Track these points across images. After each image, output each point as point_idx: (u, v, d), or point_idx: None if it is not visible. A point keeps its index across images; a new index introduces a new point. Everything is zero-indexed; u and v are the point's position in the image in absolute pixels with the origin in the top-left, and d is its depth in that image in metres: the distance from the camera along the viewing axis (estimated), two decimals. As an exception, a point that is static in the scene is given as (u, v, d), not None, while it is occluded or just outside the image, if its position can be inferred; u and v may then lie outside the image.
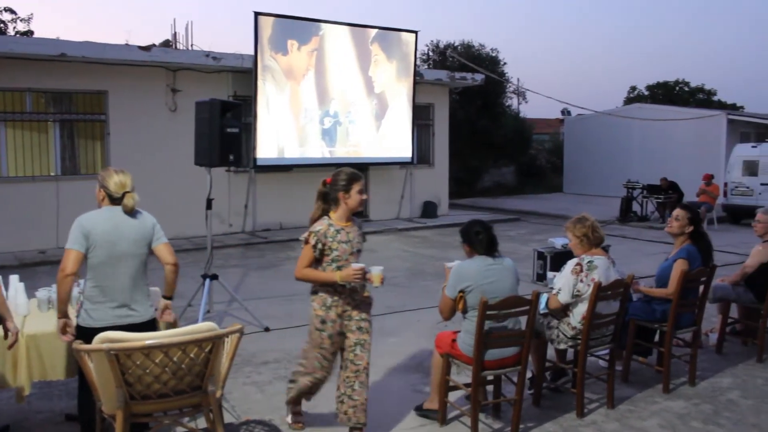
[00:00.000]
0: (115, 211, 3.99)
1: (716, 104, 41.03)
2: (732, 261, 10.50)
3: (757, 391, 5.45)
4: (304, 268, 4.30)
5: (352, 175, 4.31)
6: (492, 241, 4.55)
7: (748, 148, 18.29)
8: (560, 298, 4.87)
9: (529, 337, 4.48)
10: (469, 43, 27.52)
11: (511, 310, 4.40)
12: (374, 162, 16.28)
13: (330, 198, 4.36)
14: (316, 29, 14.63)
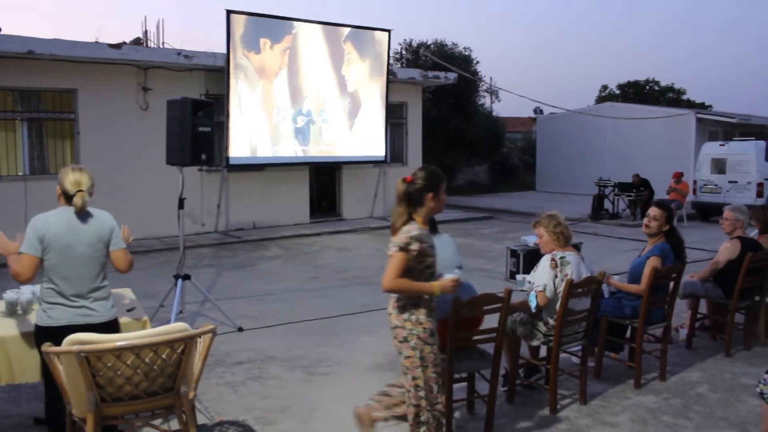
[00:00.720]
0: (71, 211, 3.89)
1: (685, 103, 41.59)
2: (701, 258, 10.65)
3: (725, 385, 5.54)
4: (397, 278, 3.68)
5: (439, 174, 3.92)
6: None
7: (716, 147, 18.57)
8: (548, 294, 4.90)
9: (502, 334, 4.50)
10: (442, 42, 27.60)
11: (484, 307, 4.41)
12: (347, 161, 16.28)
13: (414, 199, 3.87)
14: (289, 28, 14.57)
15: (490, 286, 9.14)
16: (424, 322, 3.75)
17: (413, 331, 3.74)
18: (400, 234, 3.73)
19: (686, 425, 4.75)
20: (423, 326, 3.75)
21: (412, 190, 3.82)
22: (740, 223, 6.59)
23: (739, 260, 6.22)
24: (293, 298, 8.68)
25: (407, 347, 3.76)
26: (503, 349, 5.29)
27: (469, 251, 12.61)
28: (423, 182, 3.81)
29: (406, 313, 3.77)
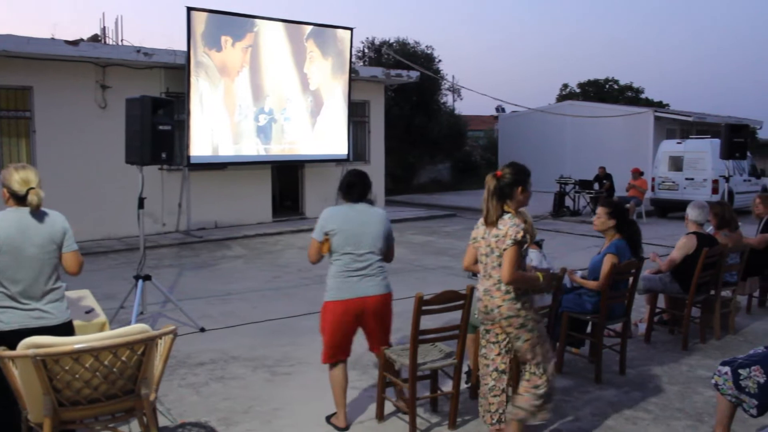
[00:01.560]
0: (22, 212, 3.77)
1: (644, 102, 42.28)
2: (660, 254, 10.84)
3: (682, 378, 5.65)
4: (516, 271, 3.95)
5: (526, 168, 4.21)
6: (354, 188, 4.50)
7: (674, 144, 18.93)
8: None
9: (465, 331, 4.53)
10: (405, 41, 27.66)
11: (447, 304, 4.43)
12: (310, 159, 16.23)
13: (505, 193, 4.09)
14: (251, 25, 14.46)
15: (453, 283, 9.19)
16: (532, 307, 4.14)
17: (527, 317, 4.07)
18: (510, 228, 4.00)
19: (645, 417, 4.84)
20: (533, 310, 4.13)
21: (502, 184, 4.08)
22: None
23: (696, 255, 6.35)
24: (256, 298, 8.63)
25: (525, 331, 4.08)
26: (466, 345, 5.34)
27: (433, 249, 12.66)
28: (512, 177, 4.09)
29: (518, 302, 4.04)
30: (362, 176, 4.60)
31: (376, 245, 4.48)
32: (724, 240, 6.86)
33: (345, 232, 4.42)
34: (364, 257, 4.44)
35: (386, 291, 4.56)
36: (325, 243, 4.48)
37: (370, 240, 4.46)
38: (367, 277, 4.46)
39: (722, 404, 4.20)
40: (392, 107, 23.68)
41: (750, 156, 18.91)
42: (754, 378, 3.98)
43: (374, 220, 4.51)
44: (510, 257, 3.92)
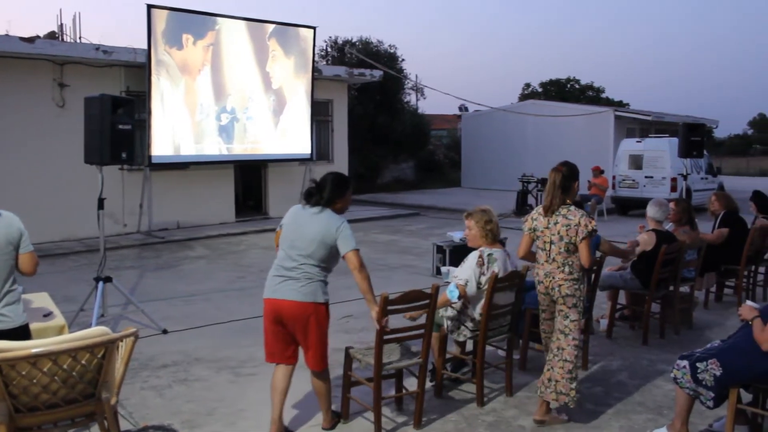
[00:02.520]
0: None
1: (604, 101, 42.93)
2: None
3: (642, 372, 5.75)
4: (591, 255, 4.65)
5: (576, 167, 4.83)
6: (310, 192, 4.36)
7: (634, 143, 19.24)
8: (468, 291, 4.95)
9: (430, 330, 4.54)
10: (368, 40, 27.67)
11: (412, 303, 4.43)
12: (273, 159, 16.15)
13: (566, 187, 4.69)
14: (212, 23, 14.32)
15: (417, 282, 9.23)
16: (585, 292, 4.76)
17: (581, 298, 4.65)
18: (582, 218, 4.57)
19: (607, 411, 4.91)
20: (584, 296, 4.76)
21: (565, 177, 4.68)
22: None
23: (655, 252, 6.46)
24: (219, 299, 8.55)
25: (575, 312, 4.63)
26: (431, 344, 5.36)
27: (397, 248, 12.69)
28: (570, 172, 4.71)
29: (577, 284, 4.62)
30: (324, 182, 4.37)
31: (309, 249, 4.21)
32: (682, 237, 6.99)
33: (288, 227, 4.36)
34: (294, 258, 4.24)
35: (303, 299, 4.19)
36: (278, 233, 4.46)
37: (305, 243, 4.22)
38: (290, 280, 4.22)
39: (681, 397, 4.28)
40: (355, 106, 23.66)
41: (707, 154, 19.33)
42: (711, 371, 4.07)
43: (315, 223, 4.25)
44: (587, 244, 4.56)
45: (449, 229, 11.92)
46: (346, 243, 4.21)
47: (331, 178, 4.41)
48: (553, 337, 4.72)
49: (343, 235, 4.21)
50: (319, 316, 4.25)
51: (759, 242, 8.14)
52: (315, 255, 4.23)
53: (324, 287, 4.31)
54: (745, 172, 42.98)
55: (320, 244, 4.22)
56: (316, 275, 4.25)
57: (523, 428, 4.63)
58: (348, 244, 4.21)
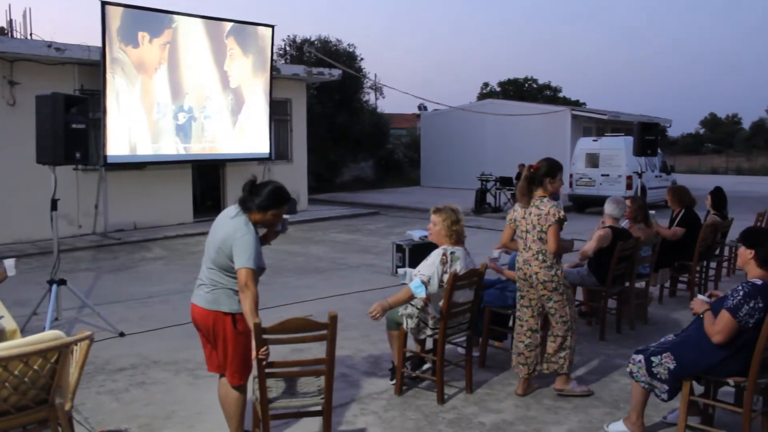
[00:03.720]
0: None
1: (561, 101, 43.50)
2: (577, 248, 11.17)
3: (600, 367, 5.84)
4: (558, 241, 4.99)
5: (556, 163, 5.34)
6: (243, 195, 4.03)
7: (590, 142, 19.55)
8: (429, 289, 4.95)
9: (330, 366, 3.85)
10: (326, 39, 27.62)
11: (295, 334, 3.81)
12: (231, 158, 16.00)
13: (536, 181, 5.16)
14: (169, 21, 14.12)
15: (376, 281, 9.25)
16: (563, 274, 5.07)
17: (559, 282, 5.02)
18: (552, 208, 5.01)
19: (566, 407, 4.97)
20: (563, 277, 5.08)
21: (535, 174, 5.14)
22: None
23: (611, 249, 6.56)
24: (177, 300, 8.44)
25: (557, 294, 5.04)
26: (390, 343, 5.37)
27: (356, 247, 12.68)
28: (543, 169, 5.19)
29: (552, 270, 5.01)
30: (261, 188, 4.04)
31: (210, 255, 4.00)
32: (638, 233, 7.11)
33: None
34: (205, 263, 4.09)
35: (206, 306, 3.96)
36: None
37: (210, 248, 4.03)
38: (199, 285, 4.09)
39: (636, 391, 4.37)
40: (314, 105, 23.60)
41: (661, 153, 19.70)
42: (665, 364, 4.16)
43: (220, 227, 4.02)
44: (554, 231, 4.94)
45: (409, 228, 11.97)
46: (238, 256, 3.81)
47: (272, 187, 4.06)
48: (531, 322, 5.17)
49: (238, 247, 3.82)
50: (220, 323, 3.95)
51: (710, 238, 8.34)
52: (216, 261, 3.95)
53: (232, 296, 3.94)
54: (697, 170, 44.01)
55: (219, 251, 3.92)
56: (216, 281, 3.97)
57: (483, 425, 4.66)
58: (239, 259, 3.80)
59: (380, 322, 5.16)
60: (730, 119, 76.86)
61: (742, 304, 3.93)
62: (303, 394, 3.99)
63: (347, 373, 5.66)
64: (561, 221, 4.98)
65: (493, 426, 4.64)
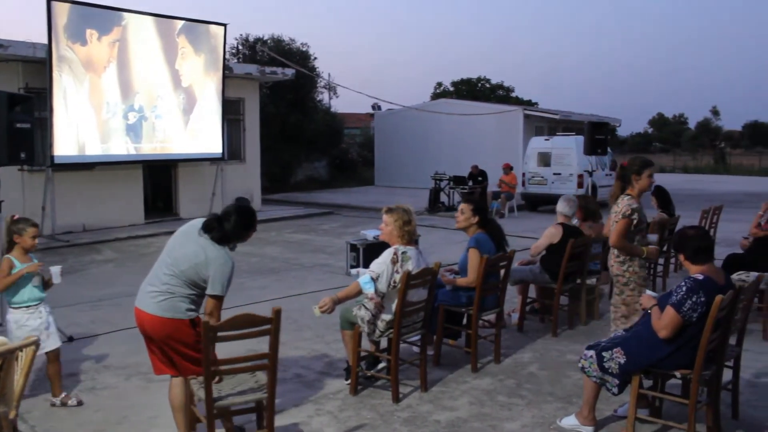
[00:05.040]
0: None
1: (514, 100, 43.98)
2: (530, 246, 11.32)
3: (552, 363, 5.93)
4: (623, 239, 5.16)
5: (644, 160, 5.37)
6: (210, 226, 4.13)
7: (542, 141, 19.81)
8: (379, 286, 4.95)
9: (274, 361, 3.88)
10: (279, 38, 27.45)
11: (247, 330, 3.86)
12: (183, 158, 15.80)
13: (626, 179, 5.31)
14: (118, 19, 13.85)
15: (331, 281, 9.23)
16: (638, 270, 5.26)
17: (631, 278, 5.23)
18: (623, 206, 5.17)
19: (519, 403, 5.03)
20: (639, 274, 5.26)
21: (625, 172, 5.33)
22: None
23: (562, 246, 6.67)
24: (128, 303, 8.17)
25: (628, 290, 5.25)
26: (344, 343, 5.36)
27: (310, 247, 12.63)
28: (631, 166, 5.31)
29: (624, 266, 5.25)
30: (227, 216, 4.13)
31: (180, 266, 4.07)
32: (588, 231, 7.25)
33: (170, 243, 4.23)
34: (162, 269, 4.14)
35: (161, 314, 4.01)
36: None
37: (179, 260, 4.09)
38: (149, 291, 4.16)
39: (588, 385, 4.45)
40: (267, 105, 23.43)
41: (610, 152, 20.11)
42: (616, 359, 4.25)
43: (191, 243, 4.11)
44: (618, 227, 5.16)
45: (363, 228, 11.96)
46: (215, 282, 3.96)
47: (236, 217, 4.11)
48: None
49: (218, 273, 3.97)
50: (188, 332, 4.03)
51: (658, 236, 8.53)
52: (186, 274, 4.01)
53: (187, 302, 4.04)
54: (645, 169, 44.80)
55: (194, 268, 3.99)
56: (179, 292, 4.02)
57: (438, 422, 4.69)
58: (216, 285, 3.96)
59: (334, 322, 5.16)
60: (676, 119, 78.82)
61: (685, 299, 4.03)
62: (243, 392, 3.99)
63: (302, 374, 5.64)
64: (626, 217, 5.14)
65: (448, 423, 4.67)
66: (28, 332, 4.72)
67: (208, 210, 16.61)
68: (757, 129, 71.48)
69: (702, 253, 4.21)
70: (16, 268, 4.87)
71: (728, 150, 56.95)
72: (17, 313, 4.89)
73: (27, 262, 4.97)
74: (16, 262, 4.91)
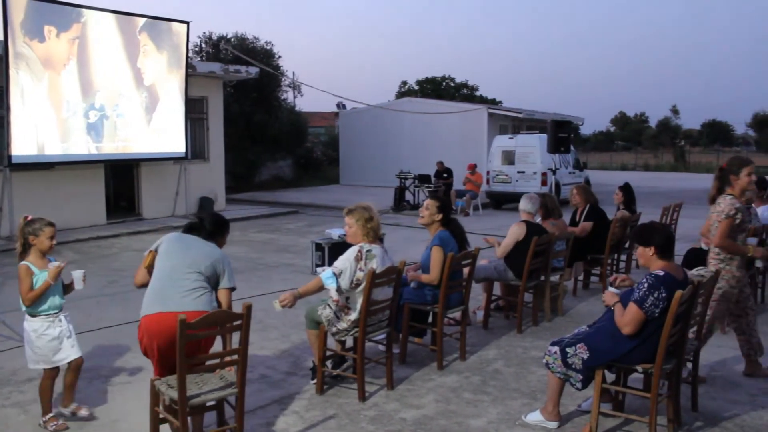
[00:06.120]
0: None
1: (478, 99, 44.24)
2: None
3: (517, 359, 5.98)
4: (726, 238, 5.20)
5: (741, 160, 5.38)
6: (192, 226, 4.58)
7: (506, 140, 19.96)
8: (341, 283, 4.94)
9: (244, 356, 3.94)
10: (243, 36, 27.24)
11: (219, 326, 3.96)
12: (146, 158, 15.58)
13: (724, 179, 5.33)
14: (77, 15, 13.61)
15: (296, 280, 9.18)
16: (735, 272, 5.30)
17: (730, 278, 5.28)
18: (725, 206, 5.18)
19: (484, 399, 5.06)
20: (734, 275, 5.30)
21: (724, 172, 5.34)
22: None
23: (526, 243, 6.72)
24: (90, 305, 8.15)
25: (728, 287, 5.28)
26: (310, 342, 5.34)
27: (275, 246, 12.57)
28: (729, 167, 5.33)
29: (723, 264, 5.28)
30: (203, 222, 4.57)
31: (198, 267, 4.34)
32: (551, 228, 7.32)
33: (167, 247, 4.47)
34: (185, 272, 4.32)
35: (203, 308, 4.19)
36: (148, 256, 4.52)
37: (198, 260, 4.36)
38: (185, 291, 4.30)
39: (552, 381, 4.49)
40: (231, 104, 23.25)
41: (573, 150, 20.33)
42: (579, 355, 4.30)
43: (200, 246, 4.46)
44: (722, 227, 5.19)
45: (328, 227, 11.93)
46: (230, 276, 4.41)
47: (213, 218, 4.59)
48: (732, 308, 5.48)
49: (229, 268, 4.43)
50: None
51: (620, 232, 8.66)
52: (207, 272, 4.30)
53: (213, 298, 4.35)
54: (608, 167, 45.64)
55: (212, 267, 4.32)
56: (208, 288, 4.33)
57: (404, 420, 4.69)
58: (231, 279, 4.41)
59: (300, 322, 5.14)
60: (638, 118, 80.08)
61: (647, 295, 4.10)
62: (213, 390, 3.98)
63: (267, 374, 5.60)
64: (730, 217, 5.16)
65: (414, 421, 4.68)
66: (49, 341, 4.57)
67: (172, 210, 16.44)
68: (715, 127, 72.98)
69: (669, 249, 4.29)
70: (36, 275, 4.57)
71: (688, 148, 58.03)
72: (36, 322, 4.60)
73: (44, 266, 4.64)
74: (34, 268, 4.58)
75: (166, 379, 4.00)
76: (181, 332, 3.67)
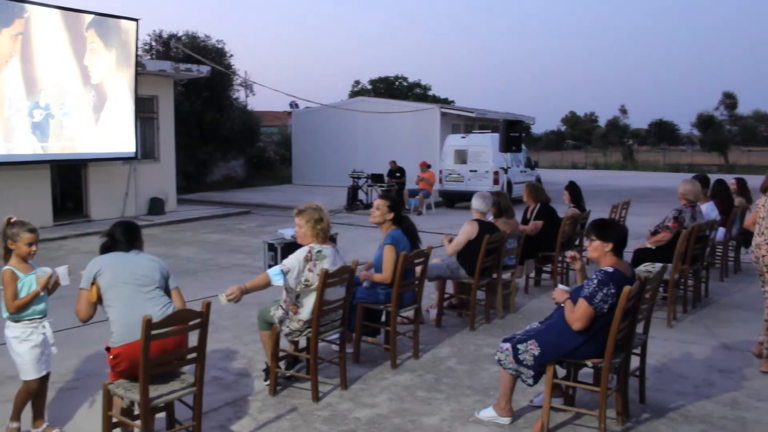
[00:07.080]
0: None
1: (431, 98, 44.45)
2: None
3: (470, 357, 6.03)
4: None
5: None
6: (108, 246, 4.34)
7: (458, 139, 20.11)
8: (289, 281, 4.90)
9: (203, 354, 3.99)
10: (194, 34, 26.89)
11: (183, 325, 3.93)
12: (94, 158, 15.25)
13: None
14: (20, 11, 13.24)
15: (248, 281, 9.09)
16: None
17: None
18: None
19: (438, 397, 5.09)
20: None
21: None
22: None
23: (478, 242, 6.78)
24: (36, 308, 7.94)
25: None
26: (262, 343, 5.29)
27: (227, 247, 12.44)
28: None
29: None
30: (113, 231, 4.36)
31: (156, 283, 4.29)
32: (503, 227, 7.39)
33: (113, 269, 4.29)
34: (146, 292, 4.23)
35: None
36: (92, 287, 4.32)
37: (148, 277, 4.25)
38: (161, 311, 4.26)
39: (504, 377, 4.54)
40: (182, 102, 22.94)
41: (525, 149, 20.61)
42: (530, 351, 4.35)
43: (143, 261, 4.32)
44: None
45: (280, 227, 11.86)
46: (174, 278, 4.36)
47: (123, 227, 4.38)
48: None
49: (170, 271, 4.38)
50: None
51: (570, 230, 8.80)
52: (162, 285, 4.24)
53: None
54: (559, 165, 46.43)
55: (163, 277, 4.26)
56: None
57: (358, 420, 4.69)
58: (175, 280, 4.37)
59: (252, 323, 5.09)
60: (588, 117, 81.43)
61: (596, 291, 4.17)
62: (173, 391, 3.95)
63: (220, 376, 5.54)
64: None
65: (368, 420, 4.68)
66: (31, 348, 4.37)
67: (122, 211, 16.14)
68: (662, 127, 74.64)
69: (623, 247, 4.37)
70: (21, 279, 4.31)
71: (636, 147, 59.25)
72: (18, 328, 4.34)
73: (28, 270, 4.38)
74: (18, 273, 4.31)
75: (120, 382, 3.93)
76: (146, 333, 3.64)
